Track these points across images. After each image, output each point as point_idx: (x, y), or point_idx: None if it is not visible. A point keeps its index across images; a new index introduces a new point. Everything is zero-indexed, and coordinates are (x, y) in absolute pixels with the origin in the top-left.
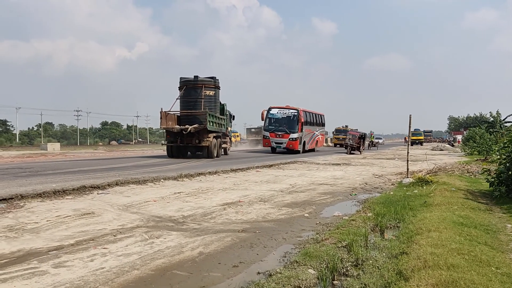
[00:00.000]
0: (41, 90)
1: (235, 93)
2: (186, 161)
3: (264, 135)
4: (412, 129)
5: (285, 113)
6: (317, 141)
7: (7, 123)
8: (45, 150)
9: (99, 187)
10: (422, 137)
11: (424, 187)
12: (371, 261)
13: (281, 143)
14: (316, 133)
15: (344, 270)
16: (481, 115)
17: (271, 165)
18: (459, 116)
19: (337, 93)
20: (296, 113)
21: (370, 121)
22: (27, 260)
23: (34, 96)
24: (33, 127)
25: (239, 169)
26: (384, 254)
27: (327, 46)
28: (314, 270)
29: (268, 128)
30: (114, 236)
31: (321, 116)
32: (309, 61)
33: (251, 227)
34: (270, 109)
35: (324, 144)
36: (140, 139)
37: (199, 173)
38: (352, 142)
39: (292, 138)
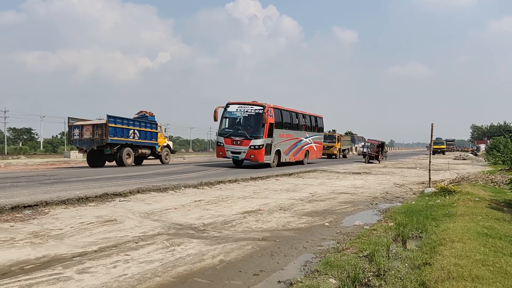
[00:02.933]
0: (66, 99)
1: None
2: (206, 169)
3: (217, 142)
4: (434, 138)
5: (247, 111)
6: (307, 150)
7: (32, 131)
8: (68, 158)
9: (121, 195)
10: (444, 146)
11: (447, 197)
12: (393, 272)
13: (239, 153)
14: (304, 140)
15: (366, 280)
16: (505, 124)
17: (290, 174)
18: (482, 125)
19: (357, 101)
20: (260, 111)
21: (390, 129)
22: (52, 266)
23: (59, 104)
24: (56, 135)
25: (258, 177)
26: (406, 264)
27: (348, 55)
28: (335, 280)
29: (224, 132)
30: (136, 243)
31: (315, 118)
32: (329, 70)
33: (272, 236)
34: (227, 105)
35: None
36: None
37: (219, 181)
38: (370, 151)
39: (254, 146)
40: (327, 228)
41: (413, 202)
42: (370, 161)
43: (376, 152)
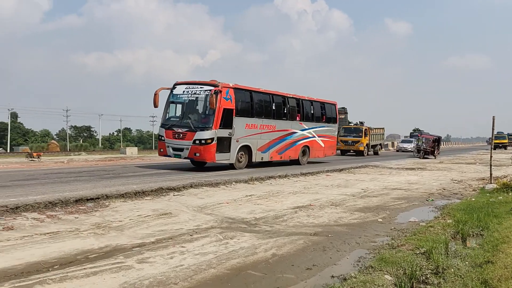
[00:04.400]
0: (121, 98)
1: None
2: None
3: (159, 135)
4: (495, 132)
5: (194, 94)
6: (305, 146)
7: (91, 129)
8: (124, 154)
9: (174, 189)
10: (506, 141)
11: (510, 194)
12: (452, 270)
13: (181, 149)
14: (299, 132)
15: (424, 277)
16: None
17: (341, 170)
18: None
19: (411, 95)
20: (208, 91)
21: (448, 124)
22: (114, 255)
23: (115, 103)
24: (113, 133)
25: (309, 173)
26: (467, 262)
27: (401, 47)
28: (391, 277)
29: (166, 122)
30: (191, 235)
31: (322, 105)
32: (382, 63)
33: (323, 231)
34: (174, 87)
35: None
36: None
37: (269, 177)
38: (425, 146)
39: (199, 140)
40: (381, 224)
41: (473, 199)
42: (425, 156)
43: (431, 147)
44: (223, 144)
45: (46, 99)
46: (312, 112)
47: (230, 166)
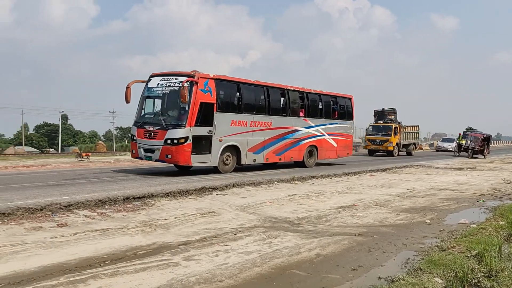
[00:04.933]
0: None
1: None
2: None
3: (131, 135)
4: None
5: (169, 87)
6: (312, 146)
7: None
8: None
9: (217, 188)
10: None
11: None
12: (506, 273)
13: (152, 150)
14: (304, 130)
15: (476, 281)
16: None
17: (385, 169)
18: None
19: (458, 92)
20: (180, 83)
21: (498, 122)
22: (161, 252)
23: None
24: None
25: (351, 172)
26: None
27: (447, 42)
28: (441, 279)
29: (138, 120)
30: (234, 234)
31: (333, 100)
32: (426, 59)
33: (368, 231)
34: (149, 79)
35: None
36: None
37: (311, 176)
38: (474, 145)
39: (171, 140)
40: (428, 225)
41: None
42: (474, 156)
43: (480, 146)
44: (201, 144)
45: (94, 101)
46: (320, 107)
47: (215, 170)
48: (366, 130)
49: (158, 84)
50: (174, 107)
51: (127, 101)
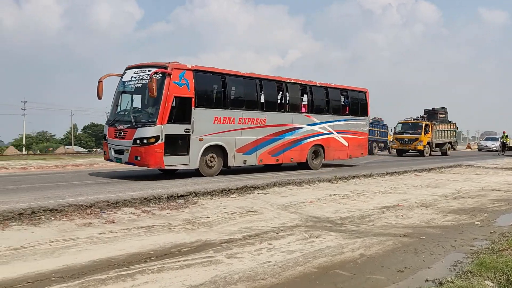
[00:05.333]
0: None
1: (390, 93)
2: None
3: (104, 135)
4: None
5: (141, 80)
6: (318, 145)
7: None
8: None
9: (259, 187)
10: None
11: None
12: None
13: (122, 151)
14: (307, 128)
15: None
16: None
17: (431, 169)
18: None
19: (510, 89)
20: (157, 76)
21: None
22: (204, 250)
23: None
24: None
25: (395, 172)
26: None
27: (498, 38)
28: (492, 283)
29: (110, 118)
30: (276, 233)
31: (344, 93)
32: (475, 56)
33: (414, 232)
34: (124, 72)
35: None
36: None
37: (353, 176)
38: None
39: (140, 140)
40: (478, 227)
41: None
42: None
43: None
44: (177, 144)
45: None
46: (327, 102)
47: (197, 173)
48: (394, 128)
49: (132, 77)
50: (145, 103)
51: (99, 97)
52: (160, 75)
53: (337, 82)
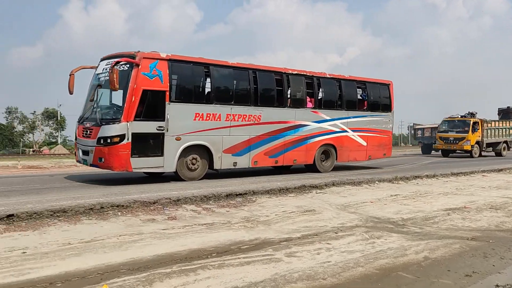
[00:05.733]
0: None
1: (457, 91)
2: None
3: (75, 135)
4: None
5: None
6: (328, 145)
7: None
8: None
9: (317, 187)
10: None
11: None
12: None
13: (87, 152)
14: (316, 125)
15: None
16: None
17: (500, 170)
18: None
19: None
20: (124, 67)
21: None
22: (263, 248)
23: None
24: None
25: (460, 173)
26: None
27: None
28: None
29: (81, 114)
30: (336, 233)
31: (360, 86)
32: None
33: (483, 236)
34: (99, 64)
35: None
36: None
37: (415, 176)
38: None
39: (104, 139)
40: None
41: None
42: None
43: None
44: (148, 144)
45: None
46: (339, 96)
47: (177, 177)
48: (438, 126)
49: (103, 69)
50: (112, 98)
51: (70, 92)
52: (127, 65)
53: (397, 79)
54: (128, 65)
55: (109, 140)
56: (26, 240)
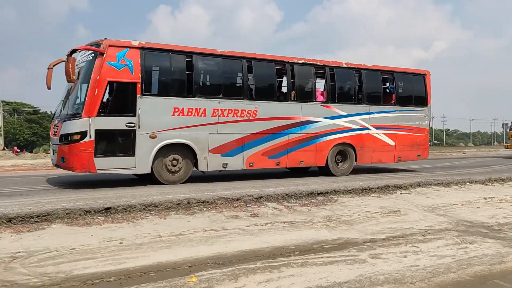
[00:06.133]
0: None
1: None
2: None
3: None
4: None
5: (82, 62)
6: (349, 145)
7: None
8: None
9: (401, 187)
10: None
11: None
12: None
13: (54, 151)
14: (328, 122)
15: None
16: None
17: None
18: None
19: None
20: (89, 57)
21: None
22: (346, 248)
23: None
24: None
25: None
26: None
27: None
28: None
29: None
30: (423, 236)
31: (386, 77)
32: None
33: None
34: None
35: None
36: (435, 141)
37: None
38: None
39: (65, 137)
40: None
41: None
42: None
43: None
44: (116, 143)
45: None
46: (359, 88)
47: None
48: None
49: (79, 59)
50: (78, 92)
51: (48, 87)
52: (92, 55)
53: (489, 75)
54: (92, 55)
55: (69, 138)
56: (122, 232)
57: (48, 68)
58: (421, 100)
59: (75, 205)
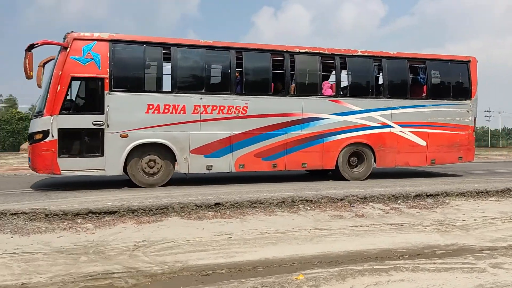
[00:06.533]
0: None
1: None
2: None
3: None
4: None
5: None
6: (366, 146)
7: None
8: None
9: None
10: None
11: None
12: None
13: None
14: (338, 119)
15: None
16: None
17: None
18: None
19: None
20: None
21: None
22: (462, 255)
23: None
24: None
25: None
26: None
27: None
28: None
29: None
30: None
31: (416, 64)
32: None
33: None
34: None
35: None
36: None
37: None
38: None
39: (30, 136)
40: None
41: None
42: None
43: None
44: (82, 142)
45: None
46: (377, 79)
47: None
48: None
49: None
50: (44, 88)
51: (38, 85)
52: (60, 49)
53: None
54: (60, 51)
55: (33, 137)
56: (231, 227)
57: (38, 66)
58: (463, 92)
59: (188, 200)
